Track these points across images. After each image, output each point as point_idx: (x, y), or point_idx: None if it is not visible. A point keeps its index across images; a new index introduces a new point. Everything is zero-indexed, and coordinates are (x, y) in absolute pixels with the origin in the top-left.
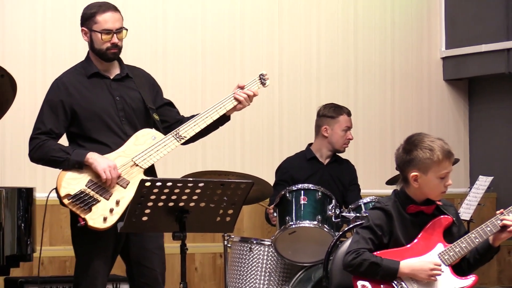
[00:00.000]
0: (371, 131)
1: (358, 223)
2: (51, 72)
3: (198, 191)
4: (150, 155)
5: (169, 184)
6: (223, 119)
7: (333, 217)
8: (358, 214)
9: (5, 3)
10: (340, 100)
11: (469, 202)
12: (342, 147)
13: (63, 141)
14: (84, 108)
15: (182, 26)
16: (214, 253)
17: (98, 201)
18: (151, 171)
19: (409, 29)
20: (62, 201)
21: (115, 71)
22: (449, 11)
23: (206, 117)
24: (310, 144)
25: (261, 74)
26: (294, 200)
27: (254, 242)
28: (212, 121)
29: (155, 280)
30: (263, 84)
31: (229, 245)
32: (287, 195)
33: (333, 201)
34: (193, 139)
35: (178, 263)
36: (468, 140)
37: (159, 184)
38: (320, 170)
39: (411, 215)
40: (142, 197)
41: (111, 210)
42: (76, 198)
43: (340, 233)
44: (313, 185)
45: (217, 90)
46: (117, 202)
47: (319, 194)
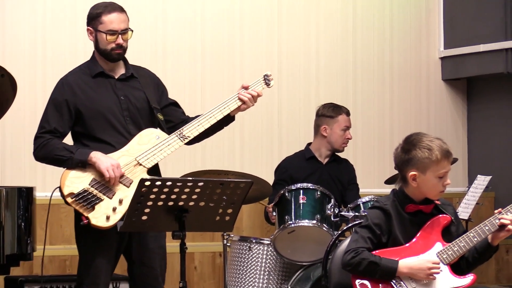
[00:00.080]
0: (370, 131)
1: (357, 222)
2: (51, 72)
3: (198, 191)
4: (154, 155)
5: (169, 184)
6: (228, 120)
7: (332, 216)
8: (357, 213)
9: (5, 3)
10: (339, 100)
11: (468, 201)
12: (341, 147)
13: (68, 140)
14: (89, 108)
15: (182, 26)
16: (214, 252)
17: (102, 200)
18: (155, 171)
19: (408, 29)
20: (66, 200)
21: (120, 71)
22: (448, 11)
23: (210, 117)
24: (309, 144)
25: (266, 75)
26: (293, 200)
27: (253, 241)
28: (216, 121)
29: (155, 280)
30: (268, 85)
31: (229, 244)
32: (286, 195)
33: (332, 201)
34: (198, 139)
35: (178, 262)
36: (467, 140)
37: (159, 184)
38: (319, 170)
39: (410, 214)
40: (142, 196)
41: (114, 209)
42: (80, 197)
43: (339, 232)
44: (312, 185)
45: (217, 90)
46: (120, 201)
47: (318, 194)
